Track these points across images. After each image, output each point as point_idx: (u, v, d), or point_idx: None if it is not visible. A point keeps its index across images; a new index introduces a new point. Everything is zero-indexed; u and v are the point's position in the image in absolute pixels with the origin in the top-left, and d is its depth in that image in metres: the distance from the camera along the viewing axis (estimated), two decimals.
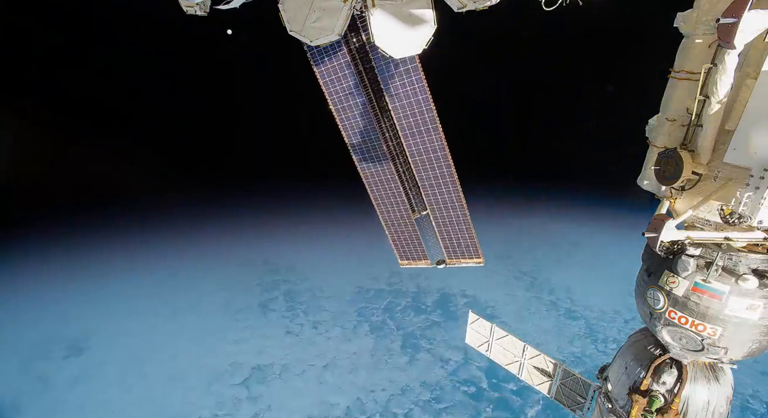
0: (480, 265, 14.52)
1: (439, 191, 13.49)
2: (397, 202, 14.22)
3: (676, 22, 6.83)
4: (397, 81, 12.04)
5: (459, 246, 14.40)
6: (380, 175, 13.88)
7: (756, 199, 5.84)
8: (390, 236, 15.19)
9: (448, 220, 13.98)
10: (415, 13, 6.42)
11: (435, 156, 12.97)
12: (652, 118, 7.61)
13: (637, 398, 7.71)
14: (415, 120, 12.34)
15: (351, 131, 13.43)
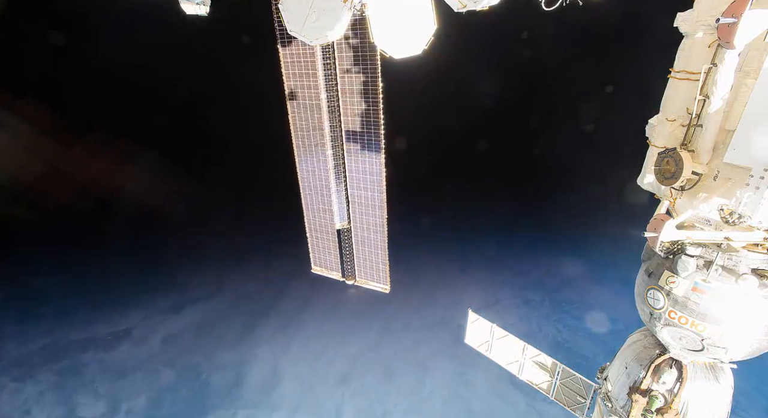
0: (385, 292, 14.87)
1: (366, 212, 13.75)
2: (325, 210, 14.41)
3: (676, 22, 6.84)
4: (355, 97, 12.34)
5: (371, 269, 14.80)
6: (317, 181, 14.04)
7: (756, 199, 5.84)
8: (310, 241, 15.43)
9: (368, 241, 14.31)
10: (415, 13, 6.43)
11: (372, 178, 13.21)
12: (652, 118, 7.61)
13: (637, 398, 7.71)
14: (362, 140, 12.64)
15: (299, 125, 13.50)
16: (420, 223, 44.66)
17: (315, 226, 14.94)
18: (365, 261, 14.84)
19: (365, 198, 13.51)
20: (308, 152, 13.54)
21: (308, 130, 13.15)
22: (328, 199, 14.06)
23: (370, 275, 15.09)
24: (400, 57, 6.69)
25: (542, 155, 38.43)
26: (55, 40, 37.25)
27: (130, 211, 45.59)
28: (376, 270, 14.81)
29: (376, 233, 14.01)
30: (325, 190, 13.89)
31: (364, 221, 13.87)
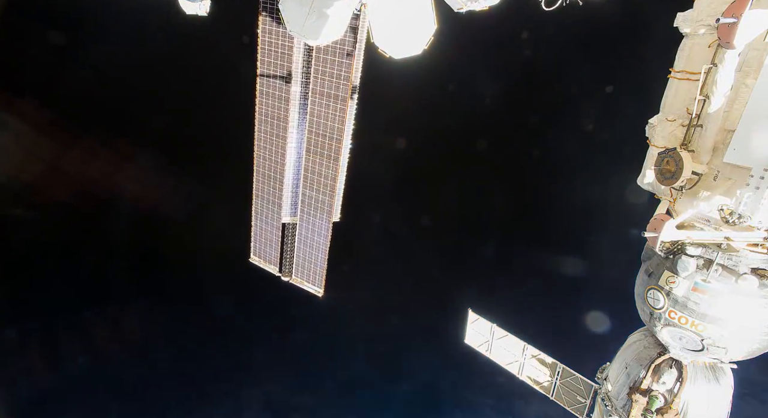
0: (317, 295, 14.93)
1: (314, 214, 13.83)
2: (275, 201, 14.21)
3: (676, 22, 6.84)
4: (325, 100, 12.33)
5: (309, 270, 14.77)
6: (272, 171, 13.81)
7: (756, 199, 5.83)
8: (253, 229, 15.22)
9: (311, 243, 14.32)
10: (415, 13, 6.44)
11: (326, 182, 13.26)
12: (652, 118, 7.61)
13: (637, 398, 7.71)
14: (324, 143, 12.62)
15: (264, 110, 13.35)
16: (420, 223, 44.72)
17: (261, 215, 14.81)
18: (305, 261, 14.82)
19: (316, 200, 13.55)
20: (269, 141, 13.45)
21: (273, 118, 13.07)
22: (280, 192, 13.92)
23: (306, 276, 15.13)
24: (400, 57, 6.70)
25: (542, 155, 38.44)
26: (55, 40, 37.24)
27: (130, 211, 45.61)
28: (314, 272, 14.83)
29: (320, 236, 14.12)
30: (278, 182, 13.77)
31: (311, 222, 13.94)
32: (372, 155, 36.79)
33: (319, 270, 14.54)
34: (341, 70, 11.79)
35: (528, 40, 32.15)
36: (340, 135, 12.34)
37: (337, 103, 12.19)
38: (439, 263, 43.28)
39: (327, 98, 12.13)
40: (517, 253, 41.74)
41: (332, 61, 11.77)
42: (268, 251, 15.09)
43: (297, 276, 15.14)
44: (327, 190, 13.23)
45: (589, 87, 31.79)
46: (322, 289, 14.81)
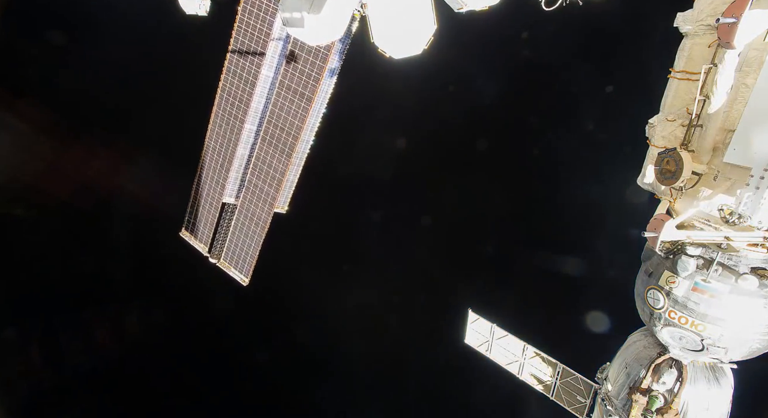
0: (243, 284, 14.69)
1: (256, 203, 13.56)
2: (219, 181, 13.85)
3: (676, 22, 6.84)
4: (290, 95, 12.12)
5: (238, 256, 14.50)
6: (223, 148, 13.51)
7: (756, 199, 5.83)
8: (191, 203, 14.80)
9: (247, 230, 14.07)
10: (415, 13, 6.43)
11: (274, 174, 13.06)
12: (652, 118, 7.61)
13: (637, 398, 7.72)
14: (281, 135, 12.42)
15: (228, 89, 13.05)
16: (420, 222, 44.69)
17: (202, 191, 14.42)
18: (236, 247, 14.49)
19: (260, 190, 13.30)
20: (226, 120, 13.12)
21: (235, 98, 12.89)
22: (226, 173, 13.63)
23: (235, 262, 14.79)
24: (400, 57, 6.69)
25: (542, 155, 38.44)
26: (55, 40, 37.24)
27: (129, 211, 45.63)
28: (243, 260, 14.51)
29: (257, 225, 13.87)
30: (226, 162, 13.46)
31: (250, 210, 13.66)
32: (372, 155, 36.72)
33: (249, 259, 14.32)
34: (313, 71, 11.64)
35: (528, 40, 32.10)
36: (298, 132, 12.19)
37: (302, 102, 12.03)
38: (439, 263, 43.28)
39: (293, 94, 11.98)
40: (517, 253, 41.71)
41: (306, 59, 11.66)
42: (201, 228, 14.82)
43: (225, 260, 14.85)
44: (273, 183, 13.02)
45: (589, 87, 31.73)
46: (248, 278, 14.59)
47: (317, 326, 42.29)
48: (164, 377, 39.76)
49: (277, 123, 12.56)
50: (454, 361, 34.87)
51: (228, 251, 14.91)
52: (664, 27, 7.15)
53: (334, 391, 39.83)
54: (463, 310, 13.33)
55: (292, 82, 12.06)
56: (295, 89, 12.08)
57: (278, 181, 13.15)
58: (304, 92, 12.07)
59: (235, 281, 15.41)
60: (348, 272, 42.99)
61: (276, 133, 12.70)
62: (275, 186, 13.26)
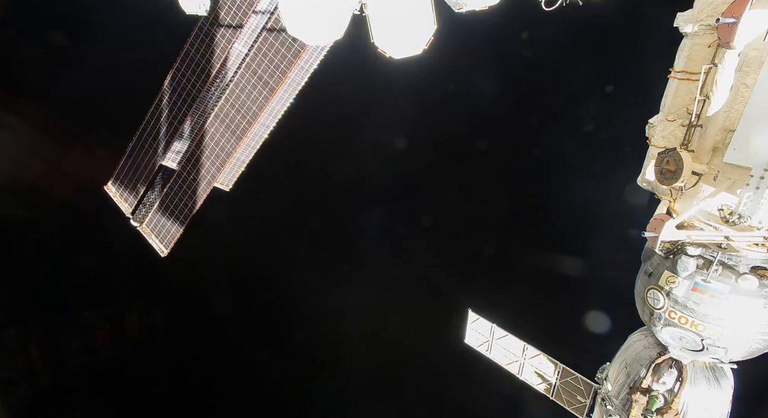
0: (161, 254, 13.85)
1: (194, 179, 12.77)
2: (164, 141, 12.81)
3: (676, 22, 6.84)
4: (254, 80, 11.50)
5: (163, 225, 13.64)
6: (174, 110, 12.53)
7: (756, 199, 5.83)
8: (127, 156, 13.56)
9: (179, 203, 13.24)
10: (415, 13, 6.43)
11: (220, 155, 12.41)
12: (652, 118, 7.61)
13: (637, 398, 7.72)
14: (235, 116, 11.74)
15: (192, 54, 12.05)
16: (420, 222, 44.69)
17: (143, 146, 13.18)
18: (163, 215, 13.55)
19: (202, 165, 12.63)
20: (183, 85, 12.14)
21: (197, 66, 11.85)
22: (171, 137, 12.61)
23: (158, 231, 13.84)
24: (400, 57, 6.69)
25: (542, 155, 38.44)
26: (55, 40, 37.24)
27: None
28: (168, 230, 13.66)
29: (191, 199, 13.10)
30: (173, 128, 12.48)
31: (187, 182, 12.84)
32: (372, 155, 36.70)
33: (174, 231, 13.53)
34: (282, 63, 11.05)
35: (528, 40, 32.08)
36: (253, 119, 11.59)
37: (264, 90, 11.39)
38: (439, 263, 43.28)
39: (258, 80, 11.32)
40: (517, 253, 41.70)
41: (278, 50, 11.04)
42: (130, 186, 13.74)
43: (148, 226, 13.96)
44: (217, 161, 12.41)
45: (589, 87, 31.72)
46: (167, 250, 13.77)
47: (317, 326, 42.30)
48: (164, 377, 39.76)
49: (234, 103, 11.91)
50: (454, 361, 34.88)
51: (154, 217, 13.87)
52: (664, 27, 7.15)
53: (334, 391, 39.82)
54: (463, 310, 13.32)
55: (259, 68, 11.34)
56: (260, 76, 11.37)
57: (223, 161, 12.54)
58: (269, 81, 11.48)
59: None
60: (348, 272, 42.93)
61: (231, 114, 12.09)
62: (218, 164, 12.63)
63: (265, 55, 11.29)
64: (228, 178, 14.80)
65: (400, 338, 41.44)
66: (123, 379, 38.95)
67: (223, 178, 14.50)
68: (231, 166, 13.96)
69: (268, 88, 11.62)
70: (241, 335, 43.05)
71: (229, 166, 13.56)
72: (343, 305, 43.30)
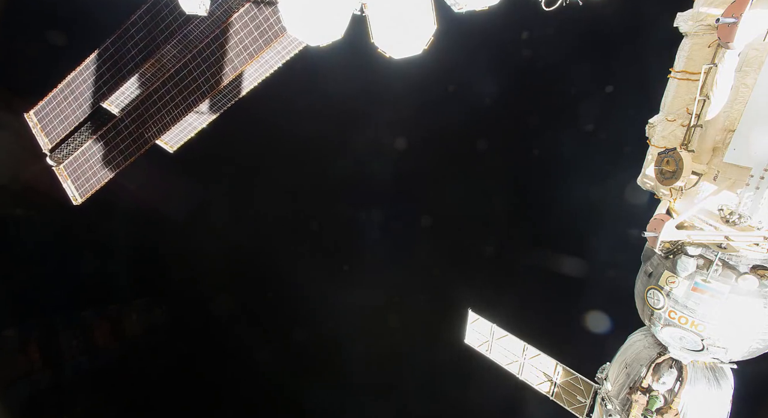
0: (74, 202, 12.69)
1: (137, 127, 11.46)
2: (112, 81, 11.54)
3: (676, 22, 6.84)
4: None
5: (84, 172, 12.33)
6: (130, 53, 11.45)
7: (756, 199, 5.83)
8: (64, 85, 12.22)
9: (110, 149, 11.87)
10: (415, 13, 6.43)
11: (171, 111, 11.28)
12: (652, 118, 7.61)
13: (637, 398, 7.72)
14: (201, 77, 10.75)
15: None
16: (420, 222, 44.68)
17: (81, 83, 11.81)
18: (87, 161, 12.05)
19: (148, 121, 11.49)
20: (149, 30, 11.16)
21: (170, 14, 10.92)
22: (122, 79, 11.28)
23: (77, 176, 12.36)
24: (400, 57, 6.70)
25: (542, 155, 38.47)
26: (54, 39, 37.26)
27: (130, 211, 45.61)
28: (88, 179, 12.24)
29: (125, 151, 11.77)
30: (127, 70, 11.26)
31: (127, 132, 11.55)
32: (372, 155, 36.67)
33: (95, 181, 12.17)
34: (252, 45, 10.55)
35: (528, 40, 32.09)
36: (212, 88, 10.97)
37: (228, 66, 10.87)
38: (439, 263, 43.32)
39: (223, 54, 10.71)
40: (517, 253, 41.72)
41: (251, 32, 10.36)
42: (56, 120, 12.14)
43: (66, 169, 12.45)
44: (166, 118, 11.33)
45: (589, 87, 31.73)
46: (82, 199, 12.45)
47: (317, 326, 42.34)
48: (164, 377, 39.78)
49: (201, 65, 11.02)
50: (454, 361, 34.89)
51: (76, 160, 12.25)
52: (664, 27, 7.15)
53: (334, 391, 39.81)
54: (463, 310, 13.31)
55: (227, 43, 10.54)
56: (227, 51, 10.69)
57: (173, 119, 11.41)
58: (234, 60, 10.83)
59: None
60: (348, 272, 42.92)
61: (194, 75, 11.12)
62: (166, 122, 11.47)
63: (237, 33, 10.54)
64: (174, 141, 13.86)
65: (400, 338, 41.45)
66: (123, 379, 38.95)
67: (168, 138, 13.57)
68: (180, 129, 13.17)
69: (232, 65, 10.98)
70: (241, 335, 43.12)
71: (177, 128, 12.69)
72: (343, 305, 43.36)
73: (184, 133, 13.84)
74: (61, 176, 12.80)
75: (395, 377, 39.20)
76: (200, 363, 41.88)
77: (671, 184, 6.78)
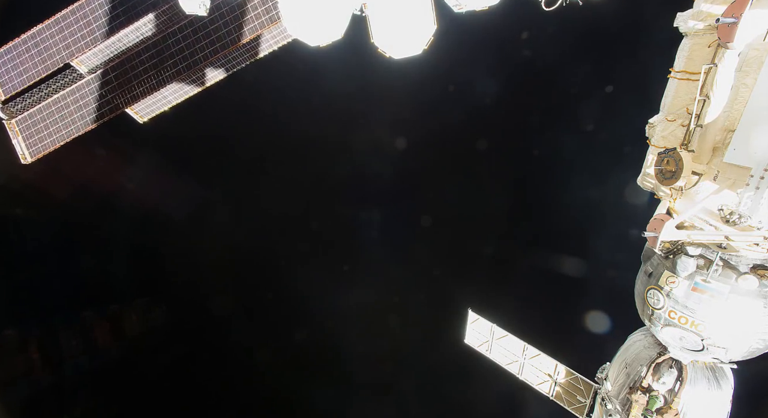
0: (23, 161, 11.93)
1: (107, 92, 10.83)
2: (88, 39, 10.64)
3: (676, 22, 6.84)
4: None
5: (38, 131, 11.53)
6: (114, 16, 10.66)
7: (756, 199, 5.83)
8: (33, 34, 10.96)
9: (73, 112, 11.16)
10: (415, 13, 6.43)
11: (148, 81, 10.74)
12: (652, 118, 7.61)
13: (636, 398, 7.72)
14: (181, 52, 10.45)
15: None
16: (420, 222, 44.67)
17: (53, 34, 10.90)
18: (44, 120, 11.28)
19: (120, 87, 10.96)
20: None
21: None
22: (103, 38, 10.48)
23: (29, 134, 11.53)
24: (400, 57, 6.70)
25: (542, 155, 38.48)
26: None
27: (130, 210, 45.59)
28: (42, 139, 11.42)
29: (88, 116, 11.08)
30: (107, 30, 10.58)
31: (94, 95, 10.97)
32: (372, 155, 36.66)
33: (50, 142, 11.42)
34: (234, 32, 10.26)
35: (528, 40, 32.09)
36: (194, 65, 10.65)
37: (208, 47, 10.63)
38: (439, 263, 43.34)
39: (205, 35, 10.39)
40: (517, 253, 41.72)
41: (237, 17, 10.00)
42: (14, 73, 11.12)
43: (18, 125, 11.61)
44: (140, 88, 10.77)
45: (589, 87, 31.72)
46: (32, 159, 11.64)
47: (317, 326, 42.36)
48: (164, 377, 39.78)
49: (176, 44, 10.65)
50: (454, 361, 34.89)
51: (31, 117, 11.45)
52: (664, 27, 7.15)
53: (334, 391, 39.82)
54: (463, 310, 13.30)
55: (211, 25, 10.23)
56: (209, 32, 10.35)
57: (149, 89, 10.84)
58: (215, 42, 10.55)
59: None
60: (348, 272, 42.89)
61: (184, 54, 10.72)
62: (140, 92, 10.82)
63: (222, 16, 10.23)
64: (146, 111, 13.14)
65: (400, 338, 41.44)
66: (123, 379, 38.94)
67: (139, 107, 12.86)
68: (154, 100, 12.58)
69: (213, 48, 10.70)
70: (241, 335, 43.10)
71: (151, 99, 12.11)
72: (343, 305, 43.37)
73: (157, 105, 13.10)
74: (12, 131, 11.81)
75: (395, 377, 39.20)
76: (200, 363, 41.87)
77: (671, 184, 6.78)
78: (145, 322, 41.24)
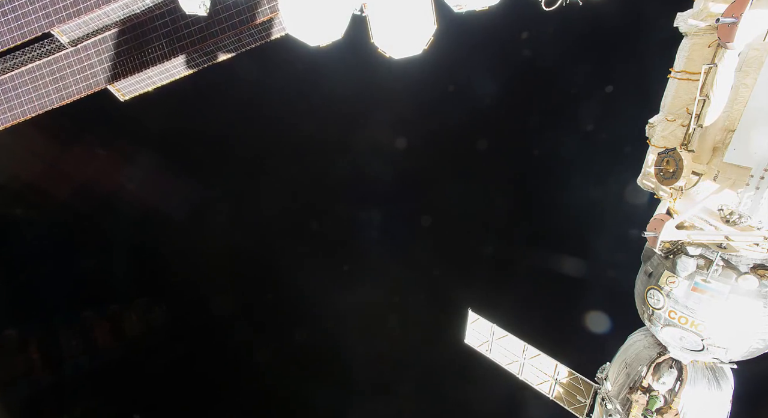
0: None
1: (86, 66, 10.47)
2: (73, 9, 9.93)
3: (676, 22, 6.84)
4: None
5: (10, 101, 10.73)
6: None
7: (756, 199, 5.83)
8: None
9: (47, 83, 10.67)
10: (415, 13, 6.43)
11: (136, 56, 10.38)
12: (652, 118, 7.61)
13: (636, 398, 7.72)
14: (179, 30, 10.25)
15: None
16: (419, 222, 44.66)
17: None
18: (16, 90, 10.83)
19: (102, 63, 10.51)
20: None
21: None
22: (90, 9, 10.00)
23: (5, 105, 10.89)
24: (400, 57, 6.70)
25: (542, 155, 38.47)
26: None
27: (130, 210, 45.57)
28: (11, 109, 10.94)
29: (63, 91, 10.65)
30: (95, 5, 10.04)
31: (73, 69, 10.50)
32: (372, 155, 36.66)
33: (19, 113, 10.93)
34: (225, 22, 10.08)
35: (528, 40, 32.09)
36: (174, 52, 10.64)
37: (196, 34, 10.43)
38: (439, 263, 43.32)
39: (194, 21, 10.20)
40: (517, 253, 41.72)
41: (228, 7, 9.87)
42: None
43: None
44: (127, 65, 10.32)
45: (589, 87, 31.72)
46: (5, 124, 11.09)
47: (317, 326, 42.34)
48: (164, 377, 39.77)
49: (164, 27, 10.32)
50: (454, 361, 34.89)
51: (1, 84, 10.90)
52: (664, 27, 7.15)
53: (334, 391, 39.83)
54: (463, 310, 13.30)
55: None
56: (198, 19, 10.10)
57: (135, 67, 10.46)
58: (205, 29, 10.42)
59: None
60: (348, 272, 42.88)
61: (171, 37, 10.37)
62: (124, 69, 10.37)
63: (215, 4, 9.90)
64: (128, 90, 12.68)
65: (400, 338, 41.43)
66: (123, 379, 38.94)
67: (122, 85, 12.34)
68: (138, 79, 12.14)
69: (200, 36, 10.52)
70: (241, 335, 43.08)
71: (135, 78, 11.65)
72: (343, 305, 43.34)
73: (141, 84, 12.63)
74: None
75: (395, 377, 39.20)
76: (200, 363, 41.85)
77: (671, 184, 6.78)
78: (145, 322, 41.20)
